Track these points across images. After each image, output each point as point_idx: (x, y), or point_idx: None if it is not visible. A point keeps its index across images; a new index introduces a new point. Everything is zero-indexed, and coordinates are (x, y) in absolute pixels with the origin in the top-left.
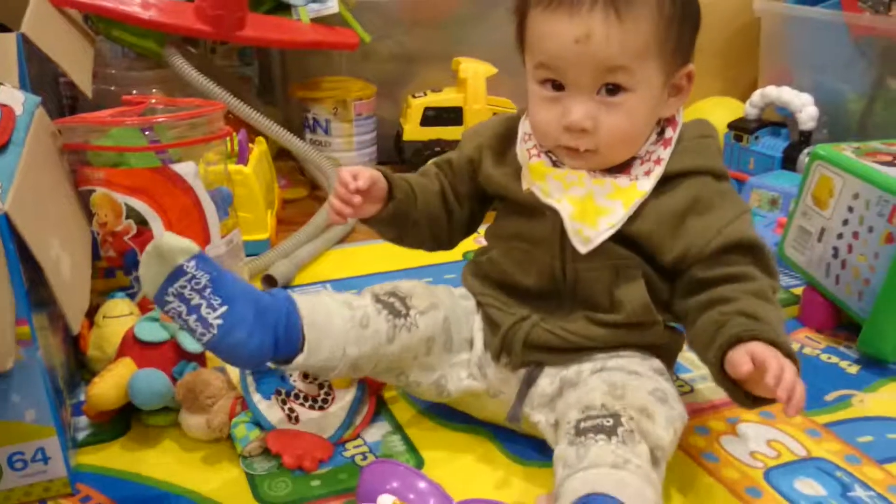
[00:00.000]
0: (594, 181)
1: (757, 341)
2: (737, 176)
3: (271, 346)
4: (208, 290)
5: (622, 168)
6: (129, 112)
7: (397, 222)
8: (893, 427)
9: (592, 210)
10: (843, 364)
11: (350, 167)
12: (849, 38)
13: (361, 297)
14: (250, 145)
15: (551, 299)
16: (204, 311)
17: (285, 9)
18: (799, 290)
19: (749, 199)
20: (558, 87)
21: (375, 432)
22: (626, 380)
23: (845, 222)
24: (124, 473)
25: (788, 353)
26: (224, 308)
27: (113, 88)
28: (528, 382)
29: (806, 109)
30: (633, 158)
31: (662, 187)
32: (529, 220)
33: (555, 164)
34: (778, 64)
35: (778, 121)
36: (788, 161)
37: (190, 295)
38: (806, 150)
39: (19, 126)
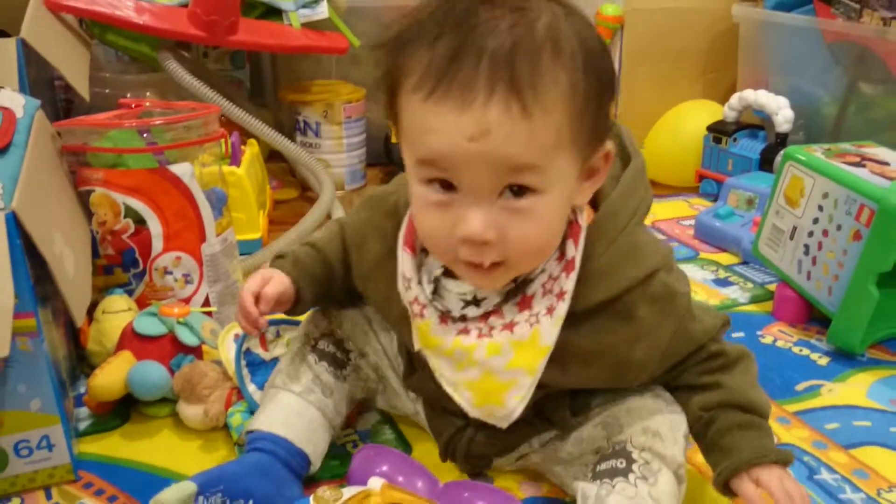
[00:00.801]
0: (488, 351)
1: (760, 466)
2: (715, 177)
3: (298, 483)
4: (228, 502)
5: (521, 295)
6: (126, 115)
7: (321, 305)
8: (859, 415)
9: (495, 388)
10: (814, 356)
11: (251, 283)
12: (823, 43)
13: (305, 356)
14: (242, 147)
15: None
16: None
17: (276, 14)
18: (772, 287)
19: (727, 200)
20: (448, 186)
21: (366, 422)
22: (614, 411)
23: (815, 221)
24: (125, 461)
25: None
26: (250, 501)
27: (107, 92)
28: (480, 470)
29: (782, 112)
30: (534, 280)
31: (579, 326)
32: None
33: (443, 318)
34: (756, 68)
35: (755, 123)
36: (765, 162)
37: None
38: (782, 152)
39: (20, 128)
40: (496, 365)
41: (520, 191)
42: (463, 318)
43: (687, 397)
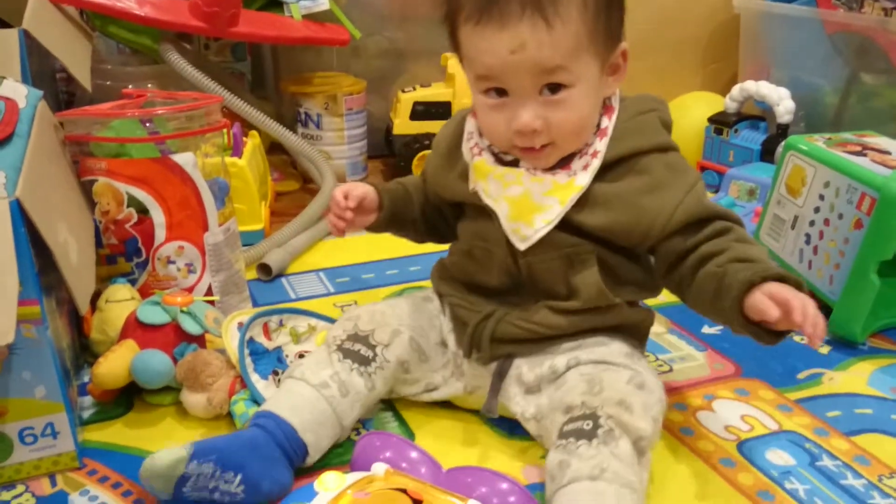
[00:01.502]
0: (532, 179)
1: (769, 282)
2: (717, 168)
3: (289, 469)
4: (218, 472)
5: (563, 163)
6: (129, 105)
7: (393, 227)
8: (860, 402)
9: (529, 208)
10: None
11: (343, 185)
12: (824, 34)
13: (330, 355)
14: (244, 139)
15: (513, 294)
16: (223, 486)
17: (277, 6)
18: None
19: (728, 191)
20: (502, 93)
21: (369, 411)
22: (602, 374)
23: (817, 210)
24: (129, 449)
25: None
26: (239, 475)
27: (109, 84)
28: (500, 375)
29: (783, 103)
30: (574, 155)
31: (605, 175)
32: (484, 220)
33: (497, 159)
34: (757, 59)
35: (757, 114)
36: (767, 153)
37: (203, 484)
38: (783, 142)
39: (23, 119)
40: (535, 189)
41: (555, 88)
42: (515, 162)
43: (704, 264)
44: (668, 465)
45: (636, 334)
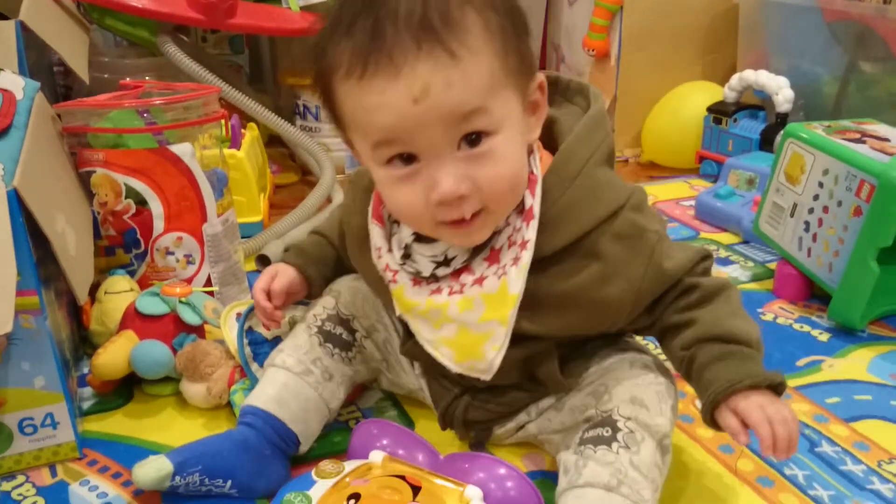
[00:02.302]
0: (461, 307)
1: (738, 395)
2: (716, 157)
3: (283, 462)
4: (206, 480)
5: (489, 250)
6: (126, 95)
7: (328, 284)
8: (859, 389)
9: (472, 341)
10: (815, 332)
11: (260, 282)
12: (823, 22)
13: (310, 337)
14: (242, 131)
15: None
16: (216, 491)
17: None
18: (773, 265)
19: (727, 180)
20: (409, 159)
21: (368, 399)
22: (604, 380)
23: (816, 197)
24: (129, 439)
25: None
26: (229, 481)
27: (106, 76)
28: (480, 443)
29: (782, 92)
30: (499, 233)
31: (546, 270)
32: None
33: (415, 280)
34: (756, 48)
35: (756, 104)
36: (766, 142)
37: (196, 489)
38: (782, 131)
39: (20, 110)
40: (469, 319)
41: (476, 138)
42: (435, 279)
43: (669, 339)
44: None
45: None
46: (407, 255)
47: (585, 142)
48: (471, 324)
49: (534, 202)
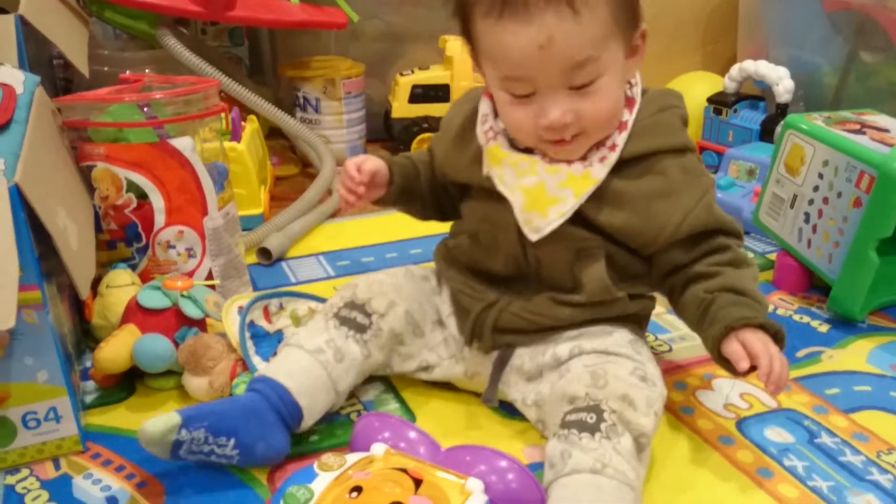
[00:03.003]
0: (548, 169)
1: (748, 329)
2: (716, 148)
3: (285, 433)
4: (210, 438)
5: None
6: (126, 89)
7: (402, 201)
8: (859, 380)
9: (543, 199)
10: (815, 323)
11: (354, 158)
12: (823, 12)
13: (326, 322)
14: (243, 123)
15: (517, 282)
16: (218, 450)
17: None
18: (773, 256)
19: (727, 171)
20: (528, 88)
21: (370, 392)
22: (606, 366)
23: (816, 188)
24: (132, 432)
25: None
26: (232, 440)
27: (106, 69)
28: (501, 364)
29: (782, 83)
30: None
31: (621, 172)
32: (493, 205)
33: (513, 144)
34: (756, 39)
35: (756, 94)
36: (766, 133)
37: (198, 448)
38: (782, 121)
39: (21, 105)
40: (551, 180)
41: (585, 79)
42: (528, 150)
43: (693, 285)
44: (668, 444)
45: (638, 321)
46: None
47: (673, 95)
48: (550, 184)
49: (629, 118)
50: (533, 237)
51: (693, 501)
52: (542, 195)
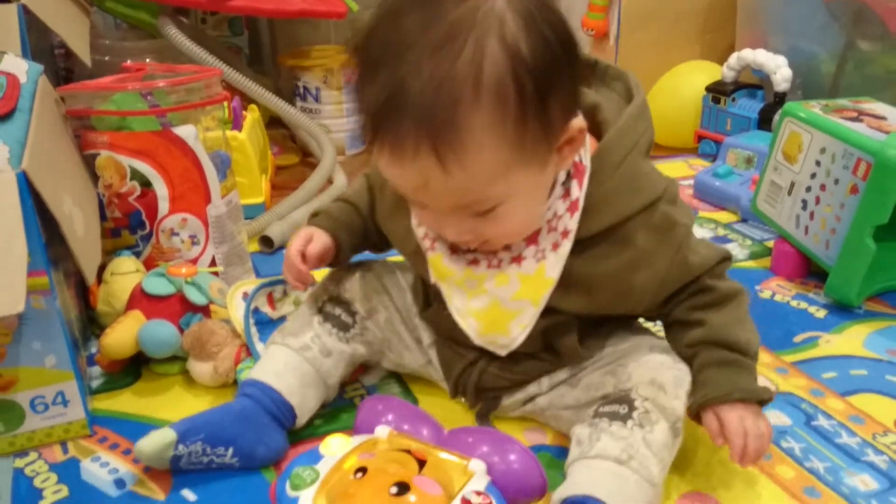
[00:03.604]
0: (497, 281)
1: (726, 404)
2: (714, 136)
3: (281, 432)
4: (208, 449)
5: (527, 239)
6: (129, 78)
7: (360, 251)
8: (856, 364)
9: (500, 317)
10: (812, 309)
11: (296, 243)
12: (821, 1)
13: (311, 317)
14: (244, 113)
15: None
16: (217, 460)
17: None
18: (771, 243)
19: (726, 159)
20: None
21: (373, 377)
22: (624, 360)
23: (813, 176)
24: (138, 416)
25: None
26: (231, 448)
27: (107, 59)
28: (486, 413)
29: (780, 71)
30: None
31: (583, 253)
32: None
33: (453, 248)
34: (754, 28)
35: (754, 83)
36: (764, 121)
37: (197, 460)
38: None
39: (24, 93)
40: (503, 295)
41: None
42: (472, 251)
43: (676, 333)
44: None
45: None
46: None
47: (629, 132)
48: (504, 299)
49: (580, 194)
50: (502, 352)
51: (691, 483)
52: (497, 314)
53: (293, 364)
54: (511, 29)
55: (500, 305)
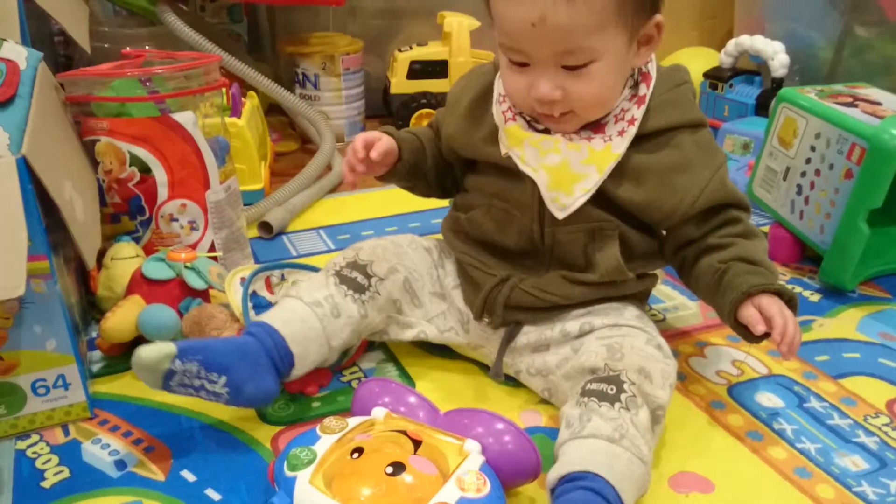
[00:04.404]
0: (570, 146)
1: (763, 294)
2: (712, 123)
3: (275, 376)
4: (202, 372)
5: (597, 125)
6: (128, 65)
7: (407, 178)
8: (848, 347)
9: (568, 177)
10: (807, 293)
11: (367, 135)
12: None
13: (327, 279)
14: (243, 99)
15: (529, 258)
16: (208, 386)
17: None
18: (766, 228)
19: (723, 145)
20: (524, 61)
21: (371, 360)
22: (621, 340)
23: (808, 161)
24: (138, 399)
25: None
26: (223, 378)
27: (107, 46)
28: (509, 339)
29: (778, 57)
30: (608, 114)
31: (640, 146)
32: (509, 182)
33: (530, 124)
34: (752, 14)
35: (751, 69)
36: (762, 108)
37: (189, 381)
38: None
39: (24, 80)
40: (573, 157)
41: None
42: (546, 131)
43: (705, 256)
44: None
45: (642, 298)
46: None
47: (682, 71)
48: (573, 161)
49: (647, 92)
50: (560, 215)
51: (684, 463)
52: (566, 173)
53: (302, 315)
54: None
55: (569, 166)
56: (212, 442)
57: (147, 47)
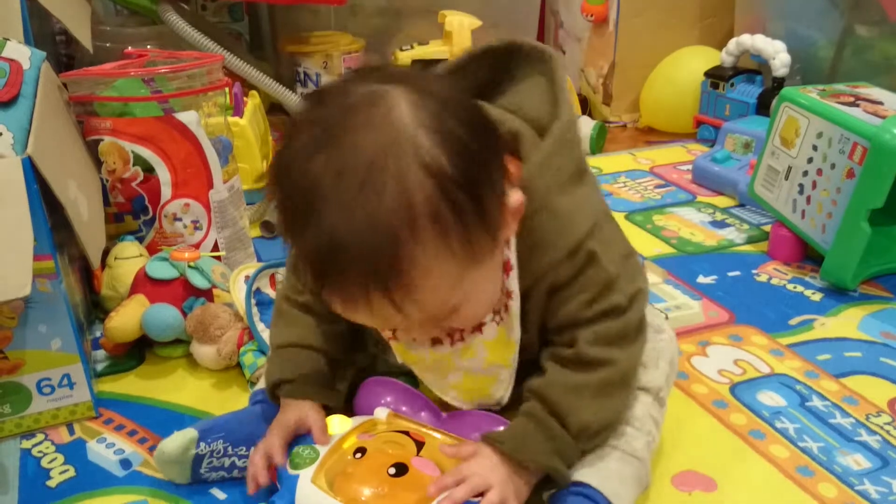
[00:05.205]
0: (463, 356)
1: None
2: (713, 122)
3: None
4: (230, 449)
5: None
6: (131, 64)
7: (344, 376)
8: (850, 346)
9: (479, 384)
10: (808, 292)
11: (261, 449)
12: None
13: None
14: (245, 98)
15: None
16: (239, 462)
17: None
18: (768, 227)
19: (724, 144)
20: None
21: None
22: None
23: (810, 160)
24: (143, 399)
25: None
26: (252, 448)
27: (109, 45)
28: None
29: (779, 56)
30: None
31: (526, 303)
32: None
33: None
34: (753, 13)
35: (753, 68)
36: (763, 107)
37: (219, 463)
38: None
39: (27, 80)
40: (474, 365)
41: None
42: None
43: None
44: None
45: None
46: None
47: (546, 170)
48: (476, 369)
49: (511, 254)
50: (496, 408)
51: (686, 462)
52: (475, 383)
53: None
54: (426, 148)
55: (475, 375)
56: None
57: (149, 46)
